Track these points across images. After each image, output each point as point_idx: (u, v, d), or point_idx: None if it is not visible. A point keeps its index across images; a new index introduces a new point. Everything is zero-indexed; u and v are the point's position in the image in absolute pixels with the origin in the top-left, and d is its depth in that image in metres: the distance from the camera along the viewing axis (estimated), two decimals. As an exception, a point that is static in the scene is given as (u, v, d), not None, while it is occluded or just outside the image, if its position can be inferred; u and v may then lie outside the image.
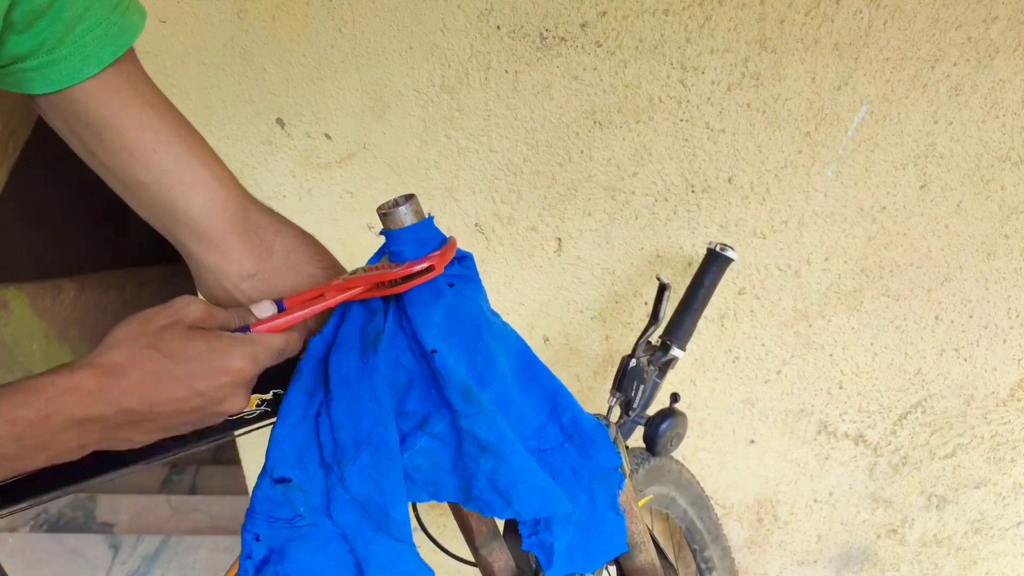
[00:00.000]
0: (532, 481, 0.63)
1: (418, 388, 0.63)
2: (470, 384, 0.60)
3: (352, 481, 0.60)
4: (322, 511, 0.62)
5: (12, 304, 2.06)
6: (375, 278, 0.58)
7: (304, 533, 0.62)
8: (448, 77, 1.05)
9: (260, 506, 0.62)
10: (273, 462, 0.62)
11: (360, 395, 0.61)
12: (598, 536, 0.69)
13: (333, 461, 0.61)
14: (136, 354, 0.52)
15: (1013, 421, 1.16)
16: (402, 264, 0.58)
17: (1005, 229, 1.04)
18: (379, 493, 0.60)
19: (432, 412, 0.63)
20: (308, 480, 0.62)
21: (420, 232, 0.62)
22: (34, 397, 0.48)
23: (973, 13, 0.93)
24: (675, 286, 0.98)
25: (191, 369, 0.53)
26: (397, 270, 0.58)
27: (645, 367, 0.94)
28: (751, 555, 1.37)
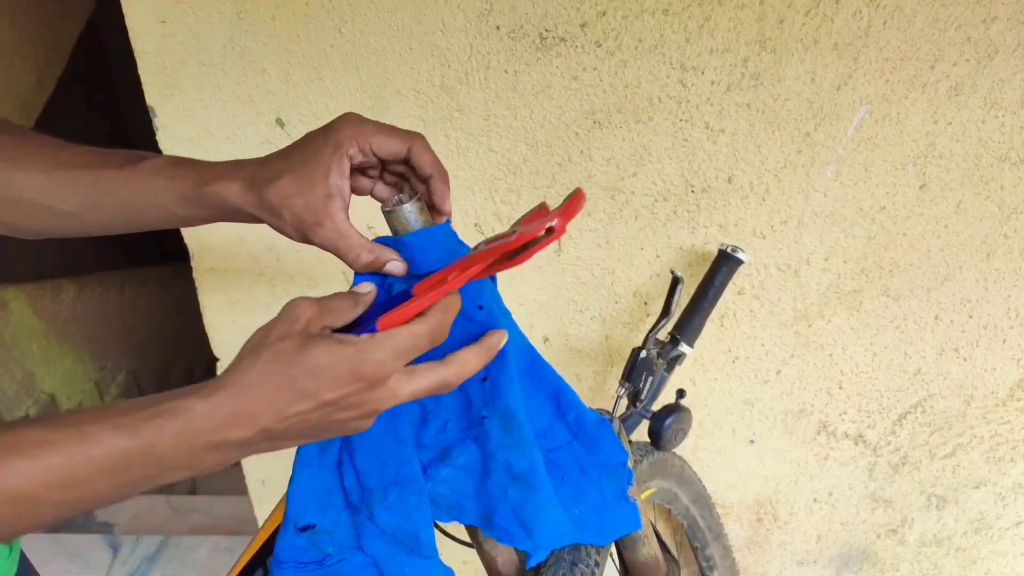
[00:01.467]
0: (553, 515, 0.65)
1: (433, 423, 0.65)
2: (514, 412, 0.62)
3: (382, 518, 0.62)
4: (351, 546, 0.63)
5: (12, 304, 2.07)
6: (497, 250, 0.52)
7: (336, 569, 0.63)
8: (448, 77, 1.05)
9: (287, 555, 0.63)
10: (295, 513, 0.64)
11: (383, 441, 0.63)
12: (610, 520, 0.72)
13: (361, 503, 0.63)
14: (261, 370, 0.51)
15: (1013, 421, 1.17)
16: (516, 231, 0.52)
17: (1005, 229, 1.04)
18: (409, 523, 0.62)
19: (453, 445, 0.65)
20: (333, 523, 0.63)
21: (439, 238, 0.61)
22: (172, 422, 0.48)
23: (972, 13, 0.93)
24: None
25: (317, 381, 0.51)
26: (513, 239, 0.51)
27: (655, 359, 0.94)
28: (751, 555, 1.37)
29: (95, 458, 0.45)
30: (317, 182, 0.59)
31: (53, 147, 0.63)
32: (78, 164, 0.62)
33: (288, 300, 0.55)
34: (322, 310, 0.55)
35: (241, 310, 1.25)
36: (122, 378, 2.52)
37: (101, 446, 0.45)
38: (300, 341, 0.52)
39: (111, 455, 0.46)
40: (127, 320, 2.53)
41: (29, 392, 2.10)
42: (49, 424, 0.45)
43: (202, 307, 1.26)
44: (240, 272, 1.22)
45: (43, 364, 2.16)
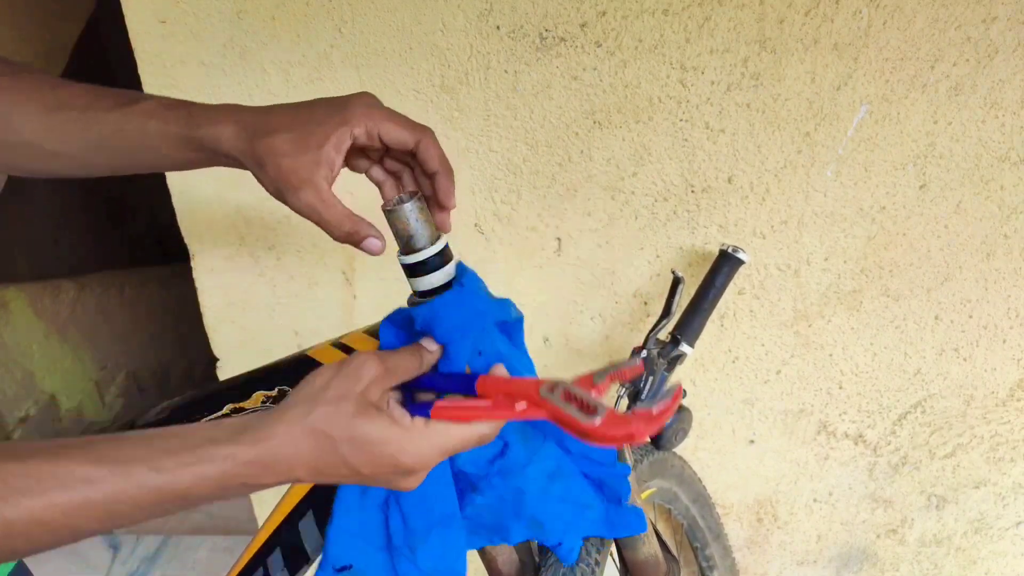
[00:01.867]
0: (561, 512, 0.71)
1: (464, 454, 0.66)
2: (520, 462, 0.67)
3: (423, 557, 0.65)
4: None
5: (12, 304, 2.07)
6: (569, 420, 0.51)
7: None
8: (448, 77, 1.05)
9: None
10: (335, 555, 0.67)
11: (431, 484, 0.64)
12: (615, 518, 0.75)
13: (404, 544, 0.66)
14: (308, 427, 0.52)
15: (1013, 421, 1.17)
16: (600, 413, 0.49)
17: (1005, 229, 1.04)
18: (446, 561, 0.66)
19: (481, 476, 0.67)
20: (369, 563, 0.66)
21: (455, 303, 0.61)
22: (213, 469, 0.49)
23: (972, 13, 0.93)
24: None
25: (357, 454, 0.52)
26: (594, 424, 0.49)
27: (655, 359, 0.95)
28: (751, 555, 1.37)
29: (135, 498, 0.46)
30: (311, 147, 0.58)
31: (51, 86, 0.62)
32: (74, 105, 0.61)
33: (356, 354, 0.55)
34: (386, 372, 0.55)
35: (241, 310, 1.25)
36: (122, 378, 2.52)
37: (143, 489, 0.46)
38: (357, 407, 0.52)
39: (151, 496, 0.47)
40: (127, 320, 2.53)
41: (29, 392, 2.10)
42: (94, 458, 0.46)
43: (202, 307, 1.26)
44: (240, 272, 1.22)
45: (43, 364, 2.16)
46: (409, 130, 0.61)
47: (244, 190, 1.16)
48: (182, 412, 0.80)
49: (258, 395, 0.77)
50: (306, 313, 1.24)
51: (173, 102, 0.62)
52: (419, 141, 0.62)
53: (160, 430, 0.50)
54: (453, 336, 0.60)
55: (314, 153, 0.58)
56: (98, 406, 2.38)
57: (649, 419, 0.48)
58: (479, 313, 0.61)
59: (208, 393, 0.81)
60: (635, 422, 0.48)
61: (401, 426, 0.53)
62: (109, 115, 0.61)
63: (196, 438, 0.49)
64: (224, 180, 1.16)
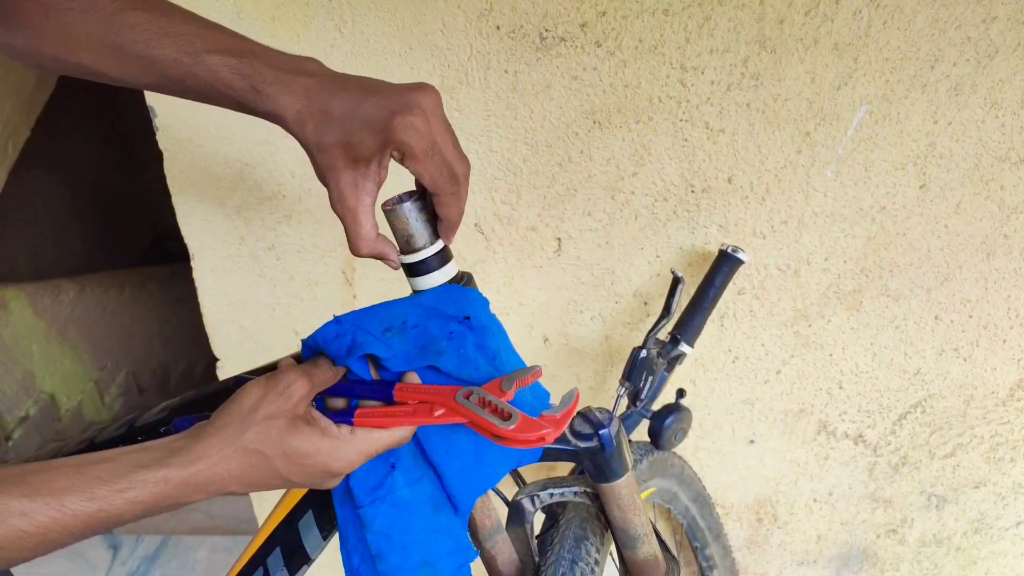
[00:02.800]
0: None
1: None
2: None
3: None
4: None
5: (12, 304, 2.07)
6: (485, 424, 0.56)
7: None
8: (448, 77, 1.05)
9: None
10: None
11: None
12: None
13: None
14: (241, 446, 0.55)
15: (1013, 421, 1.17)
16: (514, 419, 0.55)
17: (1005, 229, 1.04)
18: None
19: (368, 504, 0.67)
20: None
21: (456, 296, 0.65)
22: (145, 492, 0.51)
23: (972, 13, 0.93)
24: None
25: (289, 466, 0.56)
26: (508, 428, 0.55)
27: (655, 359, 0.94)
28: (751, 555, 1.37)
29: (69, 527, 0.48)
30: (360, 161, 0.59)
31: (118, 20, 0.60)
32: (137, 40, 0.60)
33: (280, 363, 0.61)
34: (312, 387, 0.60)
35: (241, 310, 1.25)
36: (122, 378, 2.52)
37: (77, 518, 0.48)
38: (288, 423, 0.56)
39: (84, 523, 0.49)
40: (127, 320, 2.53)
41: (29, 392, 2.10)
42: (28, 491, 0.47)
43: (202, 307, 1.26)
44: (240, 272, 1.22)
45: (43, 364, 2.16)
46: (447, 178, 0.61)
47: (244, 190, 1.16)
48: (182, 412, 0.80)
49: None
50: (306, 313, 1.24)
51: (240, 64, 0.60)
52: (442, 194, 0.62)
53: (90, 457, 0.51)
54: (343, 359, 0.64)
55: (362, 168, 0.59)
56: (98, 406, 2.38)
57: (556, 422, 0.56)
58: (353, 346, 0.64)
59: (208, 393, 0.81)
60: (545, 425, 0.55)
61: (330, 436, 0.58)
62: (171, 67, 0.60)
63: (127, 464, 0.51)
64: (224, 180, 1.16)
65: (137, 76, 0.62)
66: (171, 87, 0.62)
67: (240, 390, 0.58)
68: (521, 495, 0.85)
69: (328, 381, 0.62)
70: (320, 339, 0.65)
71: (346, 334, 0.64)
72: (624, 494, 0.77)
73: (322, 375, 0.61)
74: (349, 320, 0.66)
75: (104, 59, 0.60)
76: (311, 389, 0.59)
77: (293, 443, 0.56)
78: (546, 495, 0.84)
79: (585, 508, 0.86)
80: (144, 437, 0.81)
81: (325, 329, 0.66)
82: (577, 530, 0.84)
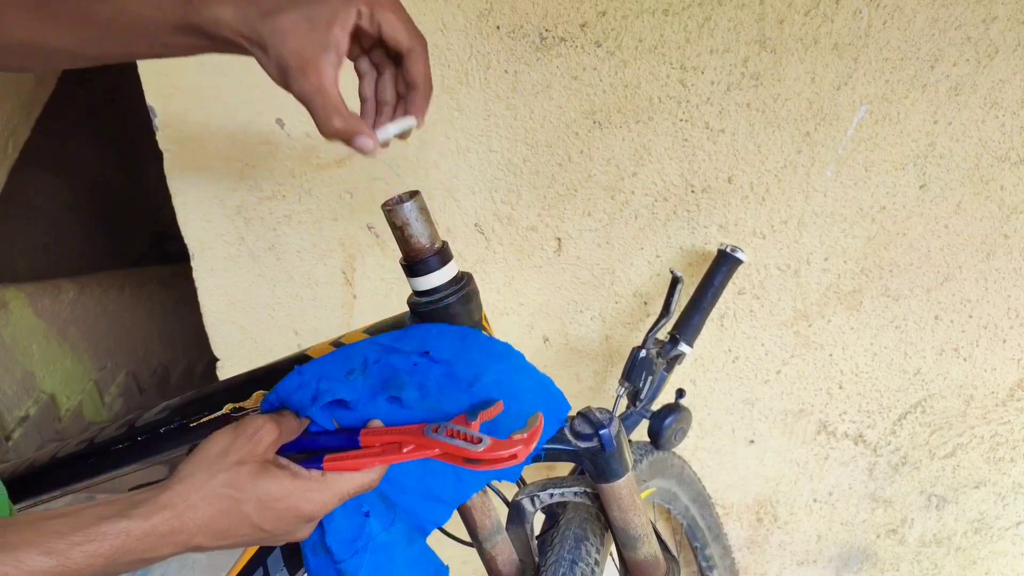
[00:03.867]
0: None
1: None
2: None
3: None
4: None
5: (12, 304, 2.06)
6: (456, 451, 0.58)
7: None
8: (448, 77, 1.05)
9: None
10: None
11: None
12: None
13: None
14: (210, 493, 0.53)
15: (1013, 421, 1.17)
16: (485, 443, 0.57)
17: (1005, 229, 1.04)
18: None
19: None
20: None
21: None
22: (104, 546, 0.48)
23: (972, 13, 0.93)
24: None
25: (262, 512, 0.54)
26: (480, 450, 0.57)
27: (654, 359, 0.94)
28: (751, 555, 1.37)
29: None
30: (319, 27, 0.55)
31: None
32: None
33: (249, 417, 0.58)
34: (281, 433, 0.58)
35: (241, 310, 1.25)
36: (122, 378, 2.51)
37: (34, 573, 0.46)
38: (258, 468, 0.54)
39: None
40: (127, 320, 2.53)
41: (29, 392, 2.10)
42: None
43: (202, 307, 1.26)
44: (240, 272, 1.22)
45: (43, 364, 2.16)
46: (406, 32, 0.59)
47: (244, 190, 1.16)
48: (182, 412, 0.80)
49: (258, 395, 0.77)
50: (306, 313, 1.24)
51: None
52: (411, 50, 0.60)
53: (50, 512, 0.50)
54: (308, 409, 0.64)
55: (322, 34, 0.55)
56: (98, 406, 2.38)
57: (524, 441, 0.58)
58: (317, 394, 0.65)
59: (208, 393, 0.81)
60: (516, 444, 0.57)
61: (302, 478, 0.56)
62: (103, 4, 0.58)
63: (87, 517, 0.49)
64: (224, 180, 1.16)
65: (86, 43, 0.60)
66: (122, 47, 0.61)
67: (206, 439, 0.56)
68: (521, 495, 0.85)
69: (294, 430, 0.61)
70: (282, 392, 0.65)
71: (309, 384, 0.65)
72: (624, 494, 0.77)
73: (289, 423, 0.61)
74: (310, 370, 0.66)
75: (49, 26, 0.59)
76: (280, 435, 0.58)
77: (265, 486, 0.54)
78: (546, 495, 0.84)
79: (585, 508, 0.86)
80: (144, 437, 0.81)
81: (287, 381, 0.66)
82: (577, 530, 0.84)
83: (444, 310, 0.69)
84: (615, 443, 0.74)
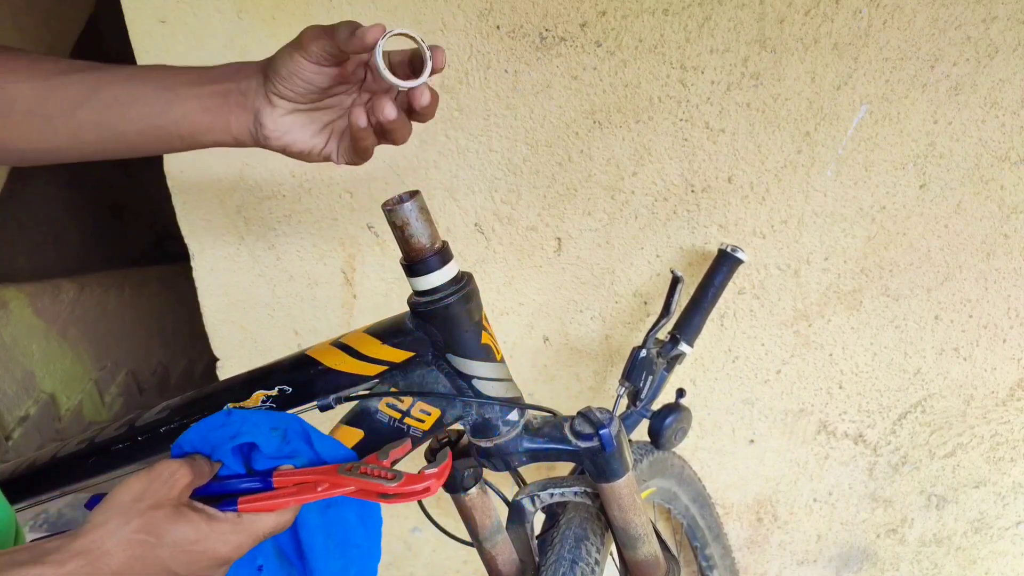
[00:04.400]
0: None
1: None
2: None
3: None
4: None
5: (12, 304, 2.06)
6: (371, 487, 0.60)
7: None
8: (448, 77, 1.05)
9: None
10: None
11: None
12: None
13: None
14: (124, 538, 0.52)
15: (1013, 421, 1.17)
16: (399, 478, 0.60)
17: (1005, 229, 1.04)
18: None
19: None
20: None
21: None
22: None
23: (972, 13, 0.93)
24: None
25: (176, 556, 0.54)
26: (395, 485, 0.59)
27: (655, 359, 0.94)
28: (751, 555, 1.37)
29: None
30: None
31: (52, 60, 0.62)
32: (80, 68, 0.61)
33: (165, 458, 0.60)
34: (195, 476, 0.59)
35: (241, 310, 1.25)
36: (122, 378, 2.51)
37: None
38: (173, 512, 0.55)
39: None
40: (127, 320, 2.53)
41: (29, 392, 2.10)
42: None
43: (202, 307, 1.26)
44: (240, 272, 1.22)
45: (43, 364, 2.16)
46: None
47: (244, 190, 1.16)
48: (182, 412, 0.80)
49: (258, 395, 0.77)
50: (306, 313, 1.24)
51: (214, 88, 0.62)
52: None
53: None
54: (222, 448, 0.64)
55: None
56: (98, 406, 2.37)
57: (438, 475, 0.61)
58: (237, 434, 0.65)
59: (208, 393, 0.81)
60: (428, 478, 0.60)
61: (217, 520, 0.56)
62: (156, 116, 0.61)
63: (6, 560, 0.49)
64: (224, 180, 1.16)
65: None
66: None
67: (119, 485, 0.56)
68: (521, 495, 0.85)
69: (206, 474, 0.61)
70: (203, 428, 0.66)
71: (233, 424, 0.65)
72: (624, 494, 0.77)
73: (200, 467, 0.61)
74: (239, 414, 0.67)
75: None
76: (193, 478, 0.58)
77: (180, 530, 0.54)
78: (546, 495, 0.84)
79: (585, 508, 0.86)
80: (144, 437, 0.81)
81: (212, 418, 0.67)
82: (577, 530, 0.84)
83: (444, 310, 0.68)
84: (615, 443, 0.74)
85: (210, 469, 0.62)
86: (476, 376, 0.71)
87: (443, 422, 0.74)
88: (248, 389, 0.77)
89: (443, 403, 0.73)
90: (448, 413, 0.73)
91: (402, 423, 0.73)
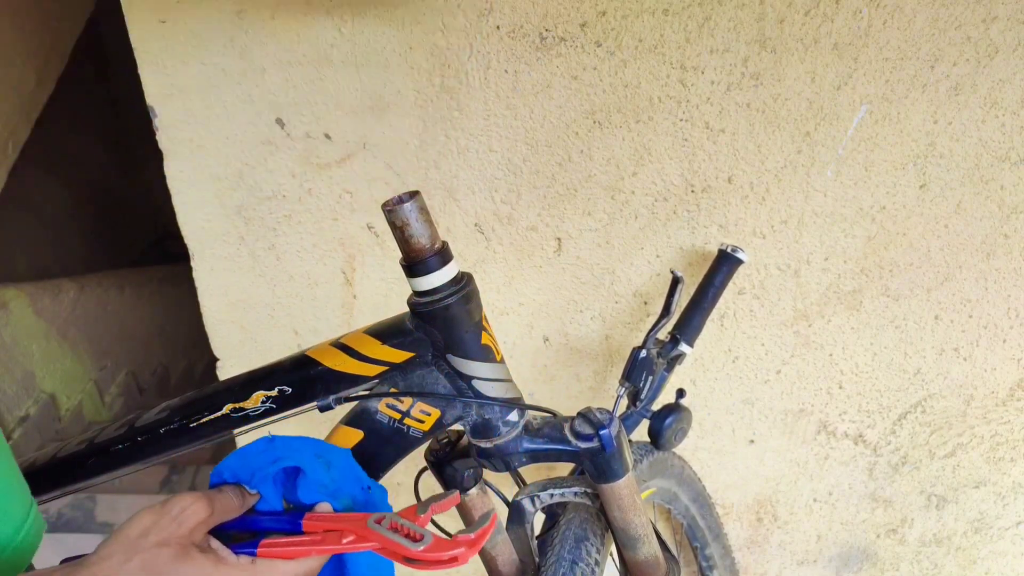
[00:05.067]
0: None
1: None
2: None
3: None
4: None
5: (12, 304, 2.06)
6: (396, 548, 0.56)
7: None
8: (448, 77, 1.05)
9: None
10: None
11: None
12: None
13: None
14: (128, 574, 0.50)
15: (1013, 421, 1.17)
16: (427, 540, 0.55)
17: (1005, 229, 1.04)
18: None
19: None
20: None
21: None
22: None
23: (972, 13, 0.93)
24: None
25: None
26: (419, 550, 0.55)
27: (655, 359, 0.94)
28: (751, 555, 1.37)
29: None
30: None
31: None
32: None
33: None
34: (212, 515, 0.55)
35: (241, 310, 1.25)
36: (122, 378, 2.51)
37: None
38: (179, 551, 0.51)
39: None
40: (127, 320, 2.53)
41: (29, 392, 2.10)
42: None
43: (202, 307, 1.26)
44: (240, 272, 1.22)
45: (43, 364, 2.16)
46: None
47: (244, 190, 1.16)
48: (182, 412, 0.80)
49: (258, 395, 0.77)
50: (306, 313, 1.24)
51: None
52: None
53: None
54: (262, 482, 0.62)
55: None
56: (98, 406, 2.38)
57: (470, 543, 0.55)
58: (279, 458, 0.63)
59: (208, 393, 0.81)
60: (459, 544, 0.54)
61: (227, 564, 0.53)
62: None
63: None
64: (224, 180, 1.16)
65: None
66: None
67: (129, 518, 0.54)
68: (521, 495, 0.85)
69: (232, 509, 0.58)
70: (244, 452, 0.63)
71: (276, 449, 0.63)
72: (624, 494, 0.77)
73: (225, 502, 0.57)
74: (283, 441, 0.65)
75: None
76: (210, 516, 0.55)
77: (183, 571, 0.51)
78: (546, 495, 0.84)
79: (585, 508, 0.86)
80: (144, 437, 0.81)
81: (254, 444, 0.64)
82: (577, 530, 0.84)
83: (444, 310, 0.69)
84: (615, 443, 0.74)
85: (242, 503, 0.59)
86: (476, 376, 0.71)
87: (443, 423, 0.74)
88: (248, 389, 0.77)
89: (443, 404, 0.73)
90: (448, 414, 0.73)
91: (402, 424, 0.73)
